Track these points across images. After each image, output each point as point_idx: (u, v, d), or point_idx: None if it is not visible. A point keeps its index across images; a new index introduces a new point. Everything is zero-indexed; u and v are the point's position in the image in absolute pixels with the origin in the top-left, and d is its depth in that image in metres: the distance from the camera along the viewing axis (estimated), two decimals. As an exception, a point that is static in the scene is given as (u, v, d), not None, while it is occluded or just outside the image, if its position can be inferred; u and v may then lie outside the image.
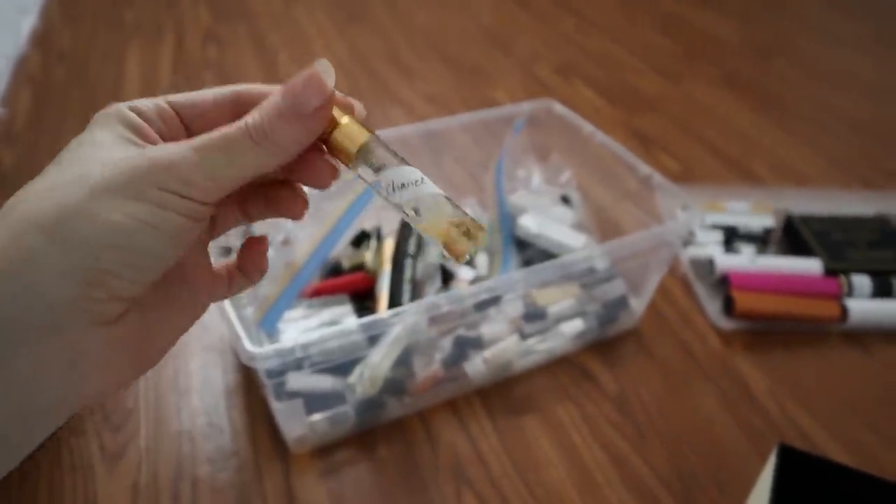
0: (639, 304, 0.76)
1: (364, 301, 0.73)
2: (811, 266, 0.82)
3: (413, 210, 0.26)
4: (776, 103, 1.26)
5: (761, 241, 0.87)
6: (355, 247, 0.78)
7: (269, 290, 0.68)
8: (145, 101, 0.28)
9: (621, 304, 0.74)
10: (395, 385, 0.64)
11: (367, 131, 0.28)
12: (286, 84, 0.26)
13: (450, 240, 0.26)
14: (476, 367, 0.67)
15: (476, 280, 0.74)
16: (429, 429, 0.66)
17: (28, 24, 1.37)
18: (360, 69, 1.29)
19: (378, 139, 0.28)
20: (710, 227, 0.88)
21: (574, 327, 0.71)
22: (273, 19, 1.46)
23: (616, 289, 0.73)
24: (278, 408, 0.60)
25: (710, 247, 0.86)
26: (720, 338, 0.77)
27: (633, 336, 0.76)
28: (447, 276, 0.74)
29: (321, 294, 0.71)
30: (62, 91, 1.17)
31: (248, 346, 0.52)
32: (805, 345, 0.77)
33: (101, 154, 0.25)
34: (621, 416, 0.68)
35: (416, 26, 1.47)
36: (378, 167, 0.27)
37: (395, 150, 0.27)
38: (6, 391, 0.23)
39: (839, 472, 0.54)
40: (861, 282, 0.79)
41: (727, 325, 0.77)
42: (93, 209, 0.23)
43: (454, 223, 0.26)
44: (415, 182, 0.26)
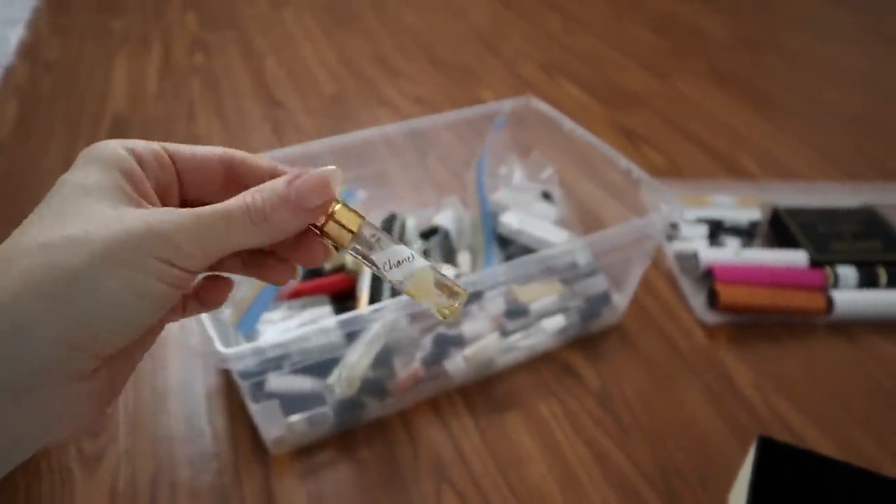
0: (622, 300, 0.75)
1: (345, 302, 0.72)
2: (797, 258, 0.81)
3: (405, 282, 0.29)
4: (764, 97, 1.26)
5: (747, 234, 0.87)
6: (336, 250, 0.78)
7: (246, 291, 0.68)
8: (144, 145, 0.28)
9: (604, 299, 0.73)
10: (374, 385, 0.64)
11: (358, 217, 0.29)
12: (293, 176, 0.27)
13: (438, 304, 0.29)
14: (457, 365, 0.67)
15: (458, 277, 0.74)
16: (410, 428, 0.65)
17: (16, 35, 1.37)
18: (347, 72, 1.28)
19: (368, 223, 0.29)
20: (696, 221, 0.87)
21: (556, 323, 0.71)
22: (261, 24, 1.46)
23: (598, 284, 0.73)
24: (255, 409, 0.59)
25: (695, 241, 0.85)
26: (705, 332, 0.76)
27: (617, 331, 0.76)
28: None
29: (300, 295, 0.71)
30: (49, 101, 1.17)
31: (220, 347, 0.52)
32: (791, 337, 0.76)
33: (97, 207, 0.24)
34: (604, 412, 0.67)
35: (404, 28, 1.47)
36: (369, 247, 0.29)
37: (382, 229, 0.30)
38: None
39: (820, 463, 0.54)
40: (847, 273, 0.79)
41: (712, 318, 0.77)
42: (93, 279, 0.23)
43: (439, 290, 0.29)
44: (408, 258, 0.29)
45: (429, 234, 0.78)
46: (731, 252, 0.82)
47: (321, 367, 0.60)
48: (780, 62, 1.40)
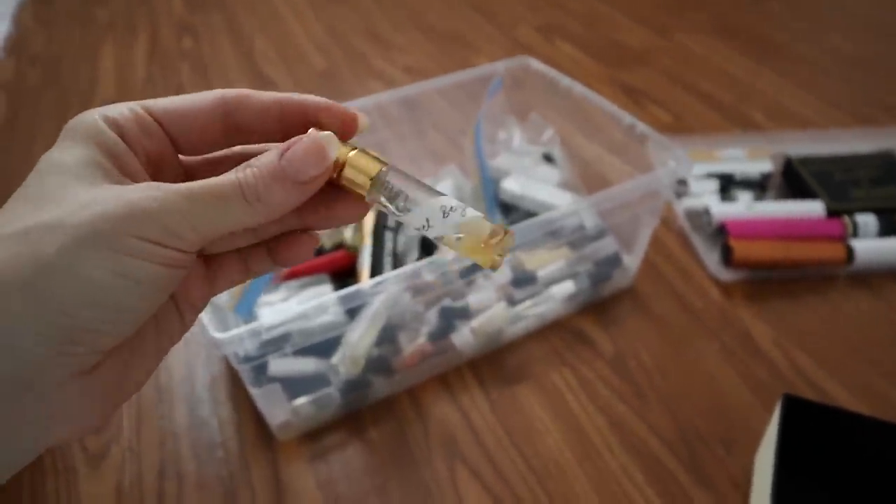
0: (633, 261, 0.72)
1: (345, 279, 0.70)
2: (813, 209, 0.78)
3: (451, 236, 0.25)
4: (770, 47, 1.22)
5: (759, 186, 0.84)
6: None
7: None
8: (122, 109, 0.25)
9: (614, 261, 0.71)
10: (380, 363, 0.61)
11: (378, 162, 0.26)
12: (285, 145, 0.25)
13: (492, 260, 0.25)
14: (464, 338, 0.64)
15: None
16: (419, 406, 0.63)
17: (2, 30, 1.34)
18: (337, 46, 1.25)
19: (392, 168, 0.26)
20: (706, 177, 0.84)
21: (565, 289, 0.68)
22: (248, 5, 1.43)
23: (607, 246, 0.70)
24: (257, 393, 0.57)
25: (705, 196, 0.82)
26: (720, 290, 0.74)
27: (629, 294, 0.73)
28: (428, 247, 0.71)
29: (299, 275, 0.69)
30: (36, 95, 1.14)
31: (215, 332, 0.50)
32: (810, 291, 0.73)
33: (74, 188, 0.22)
34: (619, 378, 0.65)
35: (394, -1, 1.43)
36: (393, 196, 0.25)
37: (411, 175, 0.26)
38: None
39: (847, 420, 0.51)
40: (866, 221, 0.76)
41: (727, 276, 0.74)
42: (69, 264, 0.21)
43: (491, 242, 0.25)
44: (453, 209, 0.25)
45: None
46: (743, 206, 0.79)
47: (324, 347, 0.58)
48: (783, 10, 1.35)
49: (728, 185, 0.83)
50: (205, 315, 0.51)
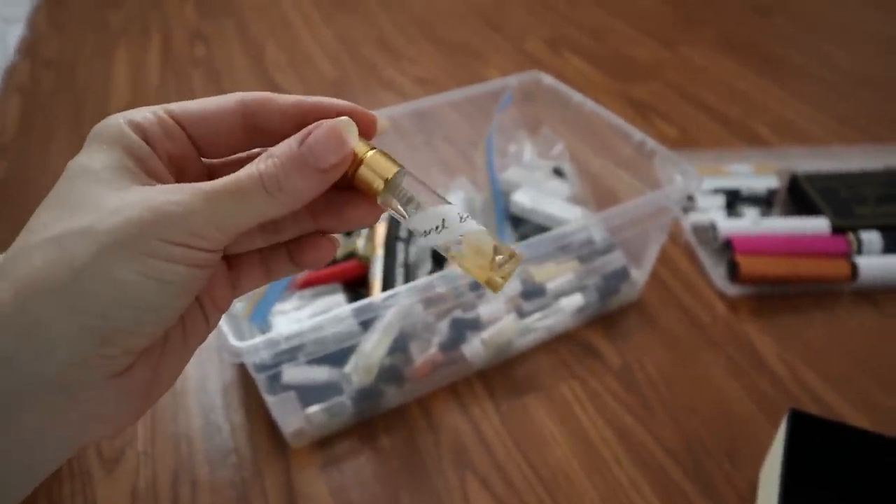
0: (640, 275, 0.74)
1: (357, 289, 0.71)
2: (818, 225, 0.79)
3: (453, 248, 0.25)
4: (776, 62, 1.23)
5: (765, 202, 0.85)
6: (346, 235, 0.76)
7: (258, 283, 0.67)
8: (146, 113, 0.26)
9: (622, 275, 0.72)
10: (392, 372, 0.62)
11: (395, 165, 0.26)
12: (303, 133, 0.25)
13: (491, 276, 0.25)
14: (475, 348, 0.65)
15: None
16: (429, 415, 0.64)
17: (15, 33, 1.36)
18: (348, 55, 1.26)
19: (406, 172, 0.26)
20: (712, 192, 0.85)
21: (574, 302, 0.69)
22: (258, 12, 1.44)
23: (615, 260, 0.71)
24: (272, 401, 0.58)
25: (712, 211, 0.83)
26: (726, 304, 0.75)
27: (636, 308, 0.74)
28: (440, 259, 0.72)
29: (312, 284, 0.70)
30: (51, 99, 1.15)
31: (234, 341, 0.51)
32: (815, 306, 0.74)
33: (102, 193, 0.23)
34: (627, 390, 0.66)
35: (403, 8, 1.45)
36: (406, 201, 0.26)
37: (424, 183, 0.26)
38: (14, 447, 0.23)
39: (853, 436, 0.52)
40: (871, 238, 0.77)
41: (733, 290, 0.75)
42: (101, 269, 0.22)
43: (494, 260, 0.25)
44: (458, 220, 0.25)
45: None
46: (749, 222, 0.80)
47: (336, 356, 0.59)
48: (789, 26, 1.37)
49: (734, 201, 0.84)
50: (223, 324, 0.52)
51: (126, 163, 0.24)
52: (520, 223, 0.76)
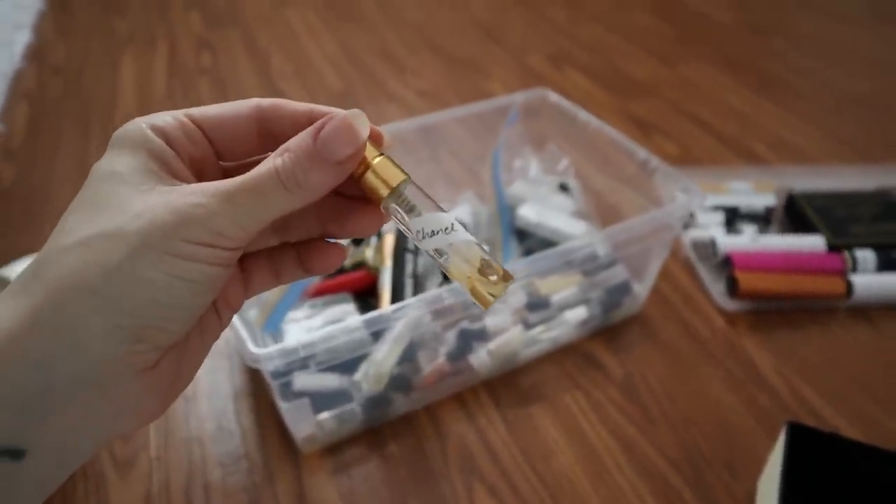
0: (642, 289, 0.76)
1: (367, 298, 0.73)
2: (814, 243, 0.82)
3: (442, 256, 0.27)
4: (773, 81, 1.26)
5: (763, 220, 0.87)
6: (356, 245, 0.78)
7: (271, 292, 0.68)
8: (167, 118, 0.27)
9: (624, 289, 0.74)
10: (401, 381, 0.64)
11: (401, 172, 0.27)
12: (316, 126, 0.26)
13: (476, 288, 0.26)
14: (481, 359, 0.67)
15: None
16: (437, 423, 0.66)
17: (22, 39, 1.37)
18: (352, 67, 1.28)
19: (410, 181, 0.27)
20: (711, 209, 0.87)
21: (578, 315, 0.71)
22: (264, 22, 1.46)
23: (618, 274, 0.73)
24: (285, 408, 0.60)
25: (711, 228, 0.85)
26: (725, 319, 0.77)
27: (638, 321, 0.76)
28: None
29: (324, 293, 0.72)
30: (58, 104, 1.17)
31: (252, 347, 0.52)
32: (811, 322, 0.77)
33: (128, 195, 0.25)
34: (629, 401, 0.68)
35: (407, 21, 1.47)
36: (408, 209, 0.27)
37: (426, 193, 0.27)
38: (51, 440, 0.24)
39: (850, 448, 0.54)
40: (865, 256, 0.79)
41: (731, 305, 0.77)
42: (132, 270, 0.23)
43: (482, 270, 0.26)
44: (446, 228, 0.26)
45: (447, 228, 0.78)
46: (748, 239, 0.82)
47: (345, 364, 0.61)
48: (786, 46, 1.39)
49: (733, 218, 0.87)
50: (241, 330, 0.54)
51: (150, 165, 0.26)
52: (525, 237, 0.78)
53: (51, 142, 1.07)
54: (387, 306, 0.65)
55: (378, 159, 0.27)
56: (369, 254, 0.75)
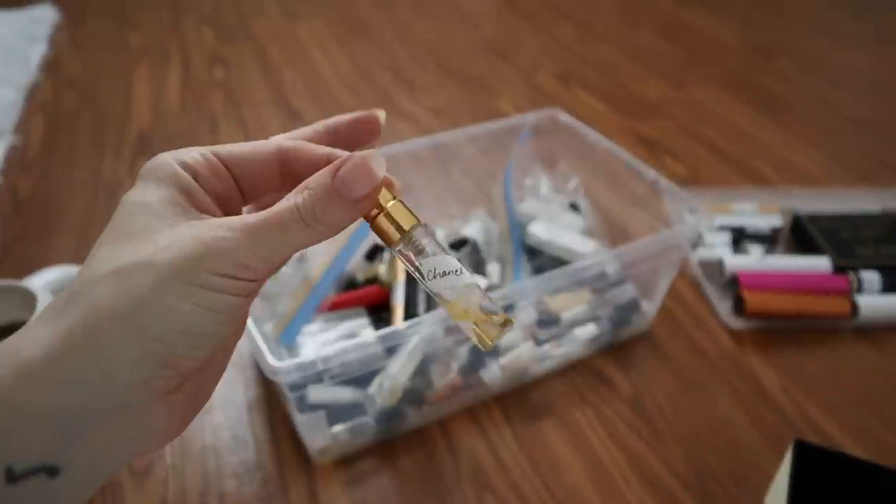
0: (650, 307, 0.77)
1: (380, 313, 0.74)
2: (820, 264, 0.83)
3: (448, 297, 0.28)
4: (779, 104, 1.27)
5: (769, 240, 0.88)
6: (369, 260, 0.79)
7: (287, 306, 0.69)
8: (194, 154, 0.28)
9: (633, 307, 0.75)
10: (414, 394, 0.65)
11: (413, 217, 0.28)
12: (335, 165, 0.27)
13: (478, 330, 0.27)
14: (493, 374, 0.68)
15: (489, 289, 0.75)
16: (449, 437, 0.67)
17: (38, 52, 1.39)
18: (363, 84, 1.30)
19: (422, 226, 0.28)
20: (719, 229, 0.89)
21: (587, 332, 0.72)
22: (276, 38, 1.48)
23: (627, 293, 0.74)
24: (301, 420, 0.61)
25: (718, 248, 0.87)
26: (732, 337, 0.78)
27: (646, 338, 0.77)
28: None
29: (338, 308, 0.73)
30: (73, 117, 1.19)
31: (272, 360, 0.54)
32: (816, 342, 0.78)
33: (158, 226, 0.26)
34: (637, 417, 0.69)
35: (417, 39, 1.49)
36: (418, 251, 0.28)
37: (435, 237, 0.28)
38: (83, 457, 0.25)
39: (856, 466, 0.55)
40: (870, 278, 0.80)
41: (738, 324, 0.78)
42: (159, 299, 0.24)
43: (483, 314, 0.27)
44: (456, 271, 0.28)
45: (458, 245, 0.80)
46: (754, 259, 0.83)
47: (358, 378, 0.62)
48: (791, 68, 1.41)
49: (740, 238, 0.88)
50: (262, 344, 0.55)
51: (178, 198, 0.27)
52: (535, 254, 0.79)
53: (66, 154, 1.09)
54: (401, 322, 0.66)
55: (392, 203, 0.28)
56: (382, 269, 0.76)
